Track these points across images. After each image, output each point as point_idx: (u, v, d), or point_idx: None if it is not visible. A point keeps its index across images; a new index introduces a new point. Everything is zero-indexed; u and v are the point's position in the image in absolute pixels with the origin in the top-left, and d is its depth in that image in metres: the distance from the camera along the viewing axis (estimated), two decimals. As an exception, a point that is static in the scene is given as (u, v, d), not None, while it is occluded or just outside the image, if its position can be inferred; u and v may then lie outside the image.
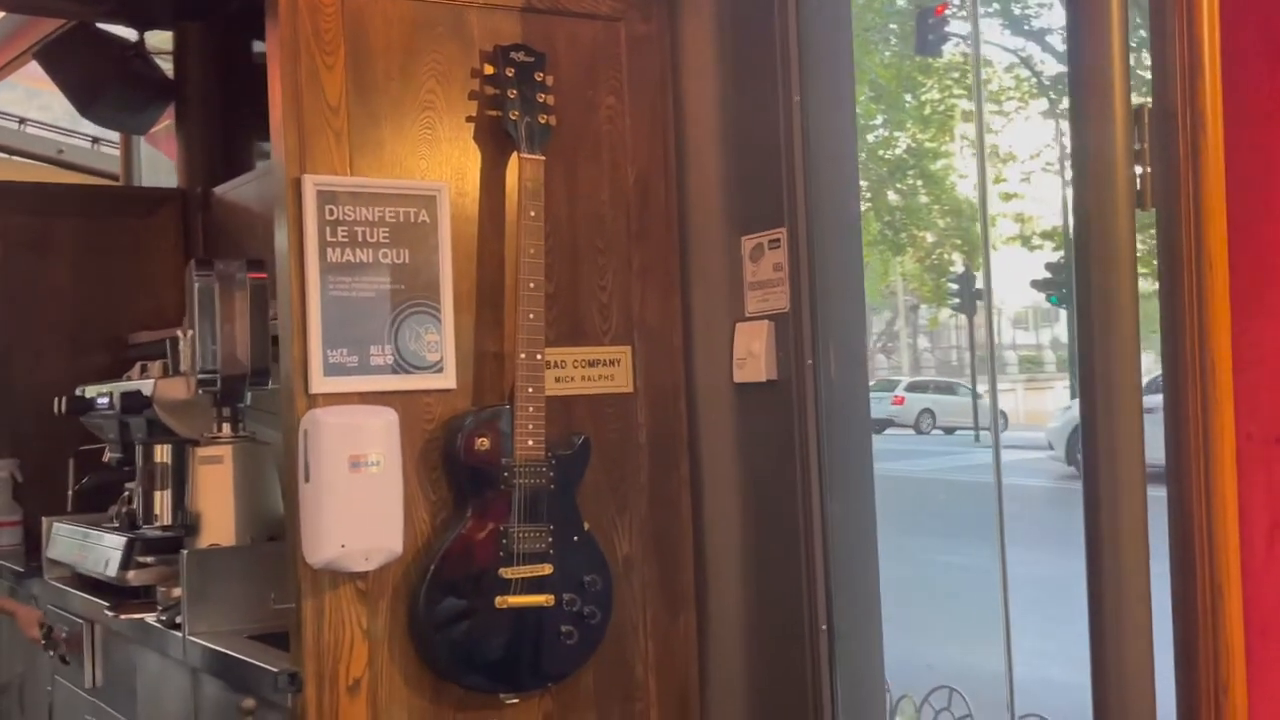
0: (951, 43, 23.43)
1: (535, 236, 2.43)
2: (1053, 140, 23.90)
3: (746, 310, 2.59)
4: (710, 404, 2.68)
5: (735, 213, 2.63)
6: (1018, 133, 26.50)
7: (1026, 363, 29.93)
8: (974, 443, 19.95)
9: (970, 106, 24.70)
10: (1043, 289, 22.75)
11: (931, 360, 29.49)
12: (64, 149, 7.45)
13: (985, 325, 12.38)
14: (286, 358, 2.33)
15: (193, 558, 2.80)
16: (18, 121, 7.77)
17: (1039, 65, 23.86)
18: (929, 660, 6.67)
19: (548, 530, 2.43)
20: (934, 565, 10.94)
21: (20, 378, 4.18)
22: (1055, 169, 24.00)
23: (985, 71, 24.15)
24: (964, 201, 25.80)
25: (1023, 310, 31.96)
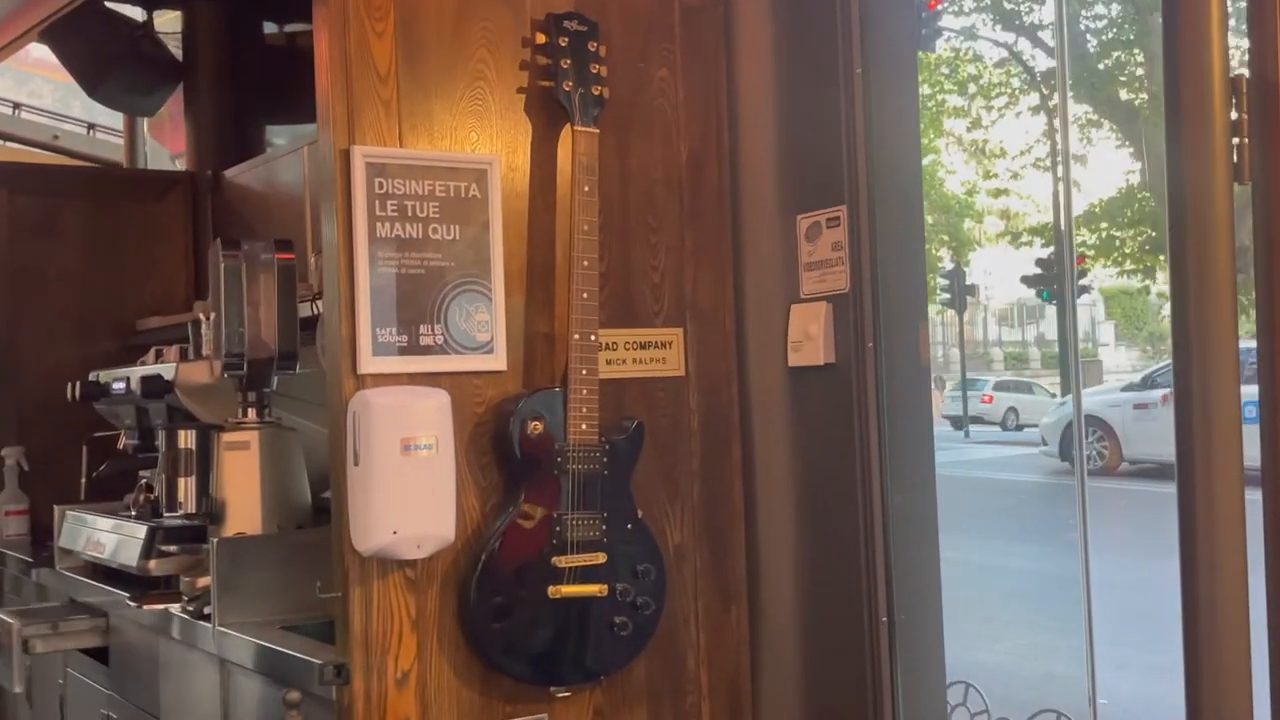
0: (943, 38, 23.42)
1: (589, 213, 2.34)
2: (1043, 136, 23.92)
3: (802, 291, 2.51)
4: (764, 389, 2.60)
5: (791, 191, 2.54)
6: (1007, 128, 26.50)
7: (1012, 359, 29.98)
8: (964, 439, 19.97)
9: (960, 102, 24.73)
10: (1033, 285, 22.76)
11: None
12: (59, 135, 7.36)
13: (1069, 321, 12.27)
14: (334, 337, 2.24)
15: (223, 546, 2.71)
16: (12, 107, 7.67)
17: (1030, 60, 23.87)
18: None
19: (601, 518, 2.34)
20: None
21: (27, 363, 4.10)
22: (1046, 165, 24.01)
23: (974, 67, 24.18)
24: (952, 198, 25.81)
25: (1007, 306, 32.02)
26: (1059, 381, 23.42)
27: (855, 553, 2.40)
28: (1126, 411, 14.10)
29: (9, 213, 4.22)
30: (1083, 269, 22.36)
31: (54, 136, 7.29)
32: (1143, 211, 21.10)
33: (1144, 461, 13.64)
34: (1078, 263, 21.52)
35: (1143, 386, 14.50)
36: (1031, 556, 10.14)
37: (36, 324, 4.11)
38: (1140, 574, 8.66)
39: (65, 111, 7.84)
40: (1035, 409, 20.86)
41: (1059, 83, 3.83)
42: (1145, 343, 27.37)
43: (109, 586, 3.21)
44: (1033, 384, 24.15)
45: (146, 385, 3.28)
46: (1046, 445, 16.53)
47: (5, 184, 4.24)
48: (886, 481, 2.38)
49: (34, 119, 7.76)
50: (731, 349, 2.62)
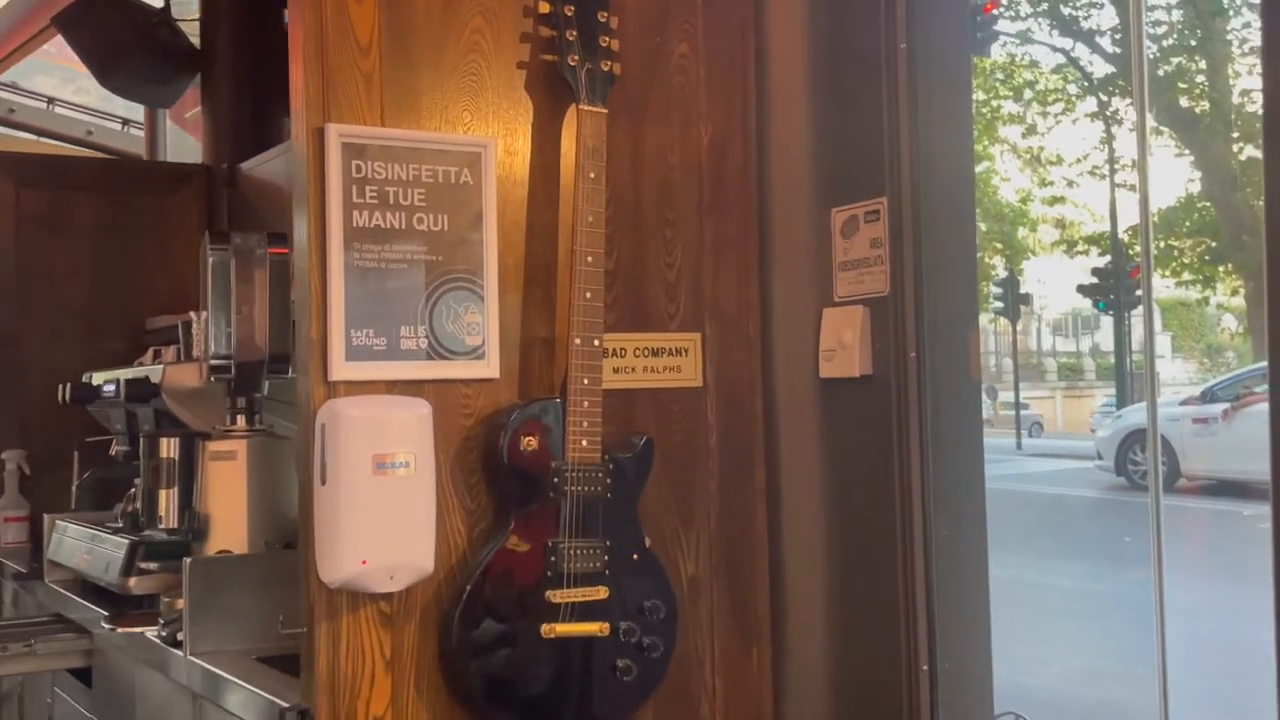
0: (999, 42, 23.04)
1: (595, 202, 2.08)
2: (1100, 143, 23.49)
3: (836, 294, 2.24)
4: (792, 402, 2.33)
5: (825, 181, 2.28)
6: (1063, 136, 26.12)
7: (1066, 370, 29.56)
8: (1016, 452, 19.63)
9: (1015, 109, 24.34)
10: (1089, 295, 22.35)
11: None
12: (93, 130, 7.24)
13: (1146, 331, 11.85)
14: (303, 339, 2.00)
15: (196, 566, 2.47)
16: (46, 101, 7.55)
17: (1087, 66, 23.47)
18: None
19: (603, 547, 2.08)
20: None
21: (31, 362, 3.95)
22: (1102, 173, 23.58)
23: (1030, 72, 23.80)
24: (1006, 206, 25.41)
25: (1061, 316, 31.58)
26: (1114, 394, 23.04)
27: (894, 591, 2.13)
28: (1185, 426, 13.78)
29: (15, 205, 4.09)
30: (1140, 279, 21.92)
31: (88, 132, 7.18)
32: (1202, 221, 20.66)
33: (1203, 478, 13.30)
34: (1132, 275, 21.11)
35: (1202, 400, 14.12)
36: (1085, 575, 9.84)
37: (42, 321, 3.98)
38: (1207, 597, 8.32)
39: (107, 109, 7.72)
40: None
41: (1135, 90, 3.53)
42: (1203, 355, 26.83)
43: (91, 604, 3.00)
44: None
45: (132, 389, 3.07)
46: (1101, 459, 16.26)
47: (11, 176, 4.10)
48: (930, 511, 2.11)
49: (68, 114, 7.65)
50: (756, 357, 2.36)
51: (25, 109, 7.13)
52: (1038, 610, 8.45)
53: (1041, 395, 27.09)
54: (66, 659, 3.10)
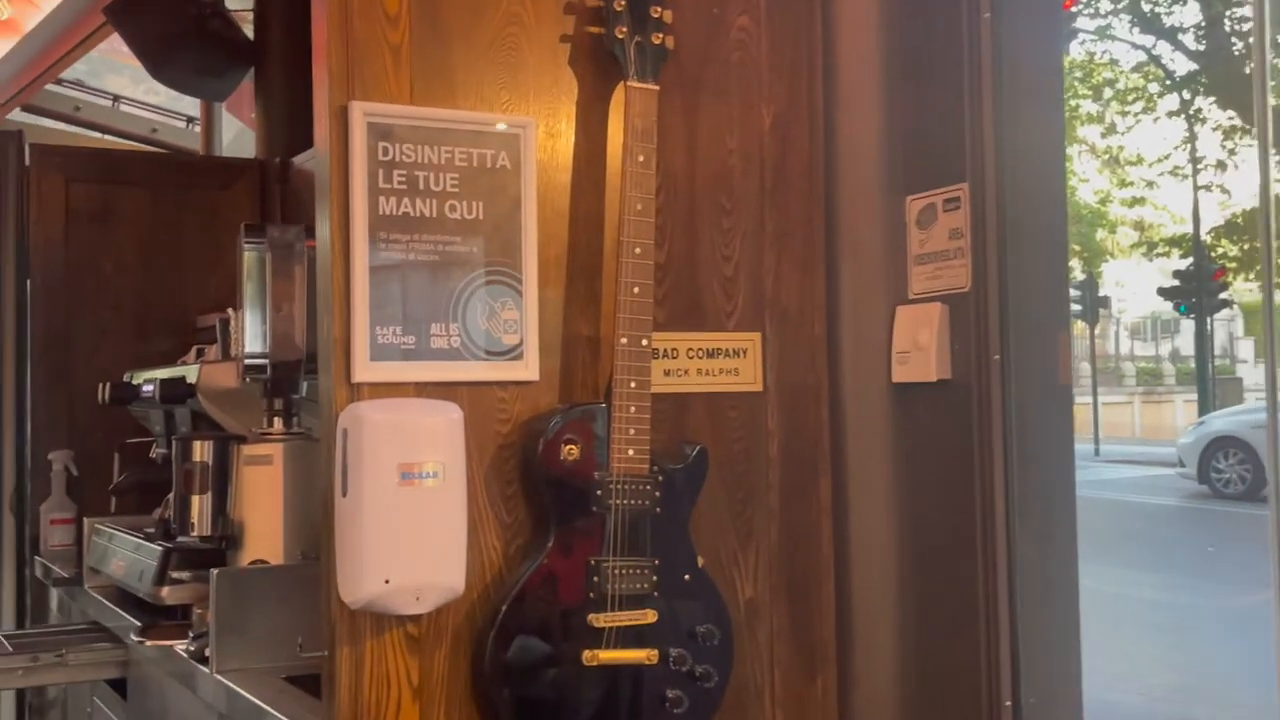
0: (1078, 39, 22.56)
1: (644, 188, 1.90)
2: (1181, 143, 22.96)
3: (911, 290, 2.04)
4: (861, 409, 2.14)
5: (899, 166, 2.08)
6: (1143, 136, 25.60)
7: (1145, 374, 28.99)
8: (1094, 458, 19.27)
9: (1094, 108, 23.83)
10: (1170, 298, 21.84)
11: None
12: (157, 128, 7.21)
13: (1266, 334, 11.50)
14: (324, 336, 1.84)
15: (224, 578, 2.33)
16: (111, 99, 7.53)
17: (1169, 64, 22.96)
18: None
19: (651, 566, 1.90)
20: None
21: (80, 362, 3.88)
22: (1184, 173, 23.04)
23: (1110, 70, 23.29)
24: (1084, 207, 24.90)
25: (1140, 320, 30.97)
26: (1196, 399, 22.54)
27: (974, 617, 1.93)
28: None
29: (65, 200, 4.01)
30: (1223, 282, 21.40)
31: (152, 130, 7.15)
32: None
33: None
34: (1215, 277, 20.59)
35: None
36: (1166, 586, 9.54)
37: (91, 319, 3.91)
38: (1304, 612, 7.98)
39: (174, 107, 7.70)
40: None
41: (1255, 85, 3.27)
42: (1294, 360, 26.13)
43: (127, 613, 2.88)
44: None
45: (167, 389, 2.93)
46: (1184, 467, 15.95)
47: (61, 170, 4.02)
48: (1014, 529, 1.90)
49: (133, 112, 7.63)
50: (821, 360, 2.17)
51: (91, 107, 7.09)
52: (1117, 622, 8.18)
53: (1119, 400, 26.56)
54: (100, 670, 2.99)
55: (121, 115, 7.31)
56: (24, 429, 4.05)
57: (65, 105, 6.89)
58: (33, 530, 3.85)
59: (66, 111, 6.86)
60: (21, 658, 2.91)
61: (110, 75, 8.76)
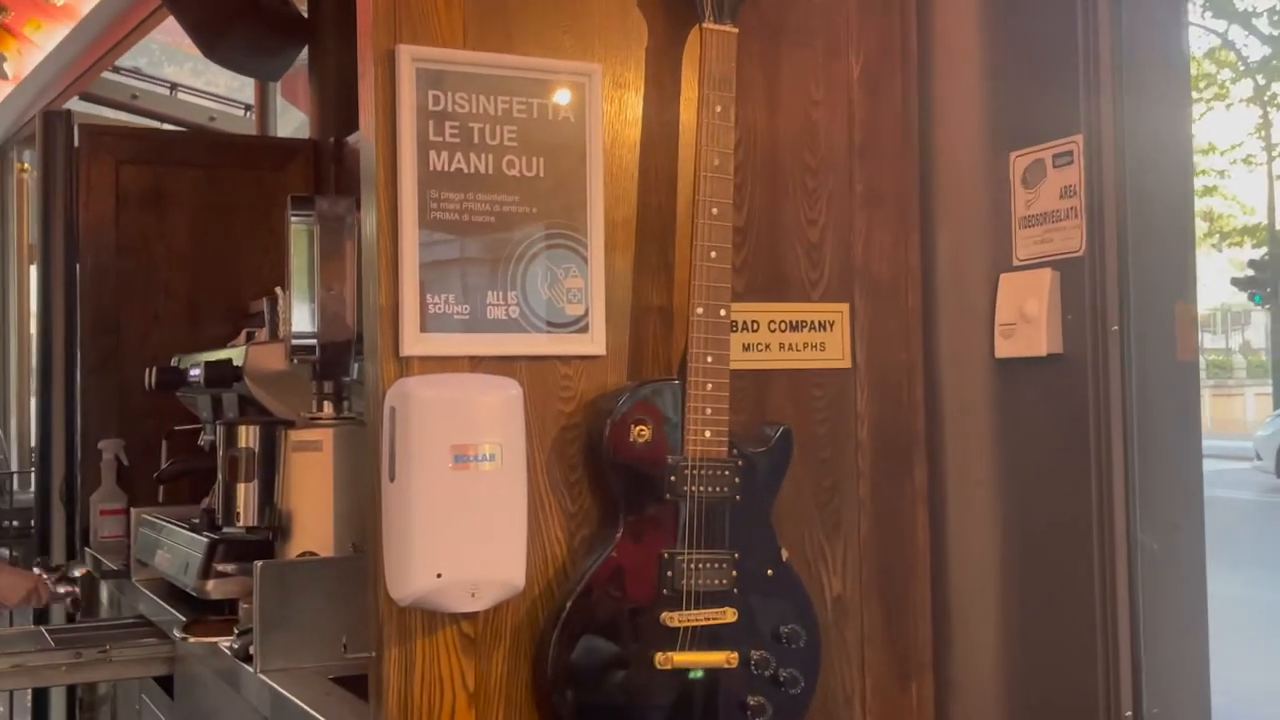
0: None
1: (722, 141, 1.71)
2: (1255, 131, 22.42)
3: (1016, 255, 1.85)
4: (961, 387, 1.95)
5: (1003, 118, 1.89)
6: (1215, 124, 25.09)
7: (1215, 367, 28.43)
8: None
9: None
10: (1244, 288, 21.33)
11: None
12: (215, 116, 7.14)
13: None
14: (370, 307, 1.67)
15: (269, 571, 2.18)
16: (169, 88, 7.47)
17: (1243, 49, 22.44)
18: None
19: (730, 560, 1.71)
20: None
21: (130, 348, 3.79)
22: (1258, 162, 22.48)
23: (1181, 56, 22.72)
24: (1153, 197, 24.34)
25: (1210, 312, 30.34)
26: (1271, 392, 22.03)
27: (1089, 617, 1.73)
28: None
29: (115, 183, 3.92)
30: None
31: (210, 118, 7.09)
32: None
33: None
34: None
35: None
36: (1245, 583, 9.26)
37: (142, 304, 3.83)
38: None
39: (233, 95, 7.65)
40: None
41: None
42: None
43: (172, 608, 2.75)
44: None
45: (212, 372, 2.79)
46: (1260, 460, 15.61)
47: (111, 151, 3.92)
48: (1135, 519, 1.71)
49: (191, 100, 7.58)
50: (917, 333, 1.98)
51: (148, 95, 7.03)
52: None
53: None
54: (146, 667, 2.86)
55: (179, 103, 7.25)
56: (74, 417, 3.96)
57: (123, 93, 6.82)
58: (83, 521, 3.76)
59: (124, 100, 6.79)
60: (64, 654, 2.79)
61: (171, 66, 8.71)
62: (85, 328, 3.84)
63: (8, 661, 2.74)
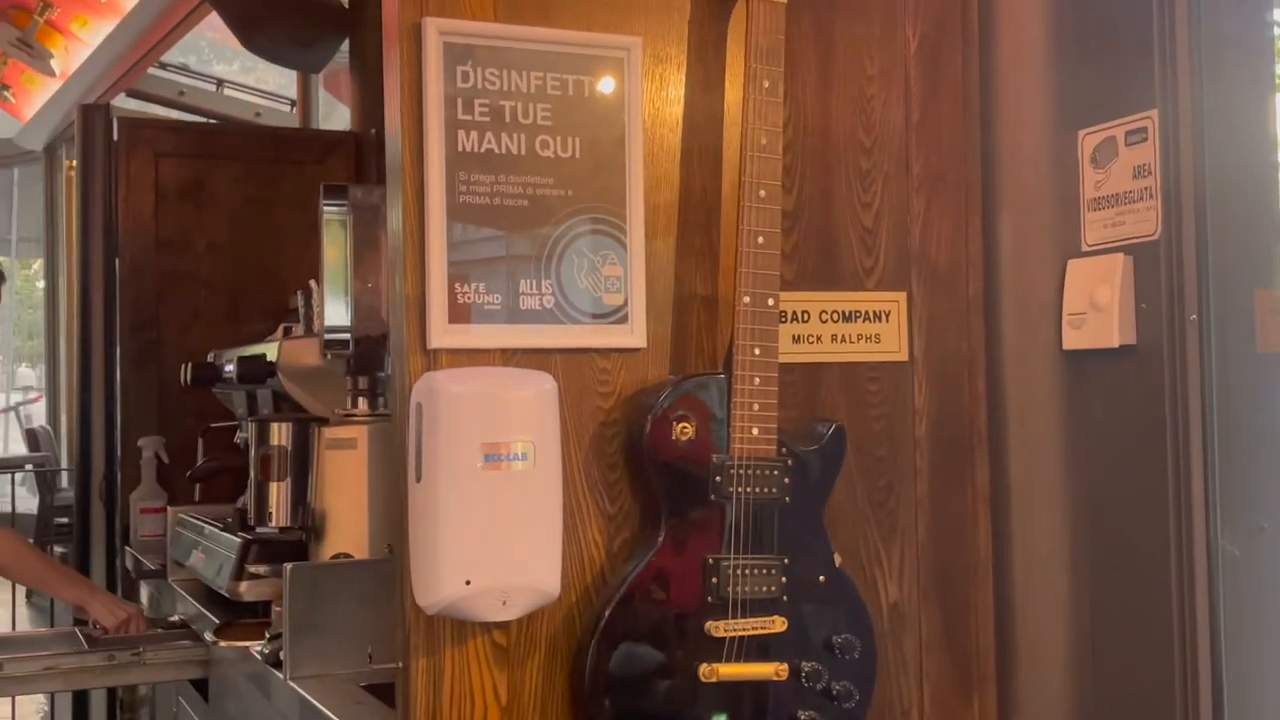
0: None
1: (770, 119, 1.61)
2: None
3: (1086, 240, 1.73)
4: (1025, 381, 1.84)
5: (1070, 93, 1.78)
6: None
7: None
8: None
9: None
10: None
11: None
12: (261, 112, 7.12)
13: None
14: (396, 296, 1.58)
15: (299, 574, 2.09)
16: (216, 84, 7.46)
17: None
18: None
19: (780, 565, 1.61)
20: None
21: (170, 343, 3.74)
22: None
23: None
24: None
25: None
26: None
27: (1165, 627, 1.61)
28: None
29: (154, 177, 3.87)
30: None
31: (256, 114, 7.08)
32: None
33: None
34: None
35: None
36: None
37: (182, 299, 3.80)
38: None
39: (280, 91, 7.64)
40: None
41: None
42: None
43: (206, 609, 2.68)
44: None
45: (245, 367, 2.71)
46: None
47: (150, 145, 3.88)
48: (1216, 523, 1.58)
49: (237, 96, 7.57)
50: (978, 324, 1.87)
51: (195, 91, 7.02)
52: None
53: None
54: (180, 670, 2.79)
55: (226, 99, 7.25)
56: (113, 414, 3.92)
57: (170, 90, 6.82)
58: (123, 520, 3.71)
59: (171, 96, 6.78)
60: (98, 656, 2.73)
61: (219, 65, 8.71)
62: (124, 323, 3.80)
63: (39, 664, 2.68)
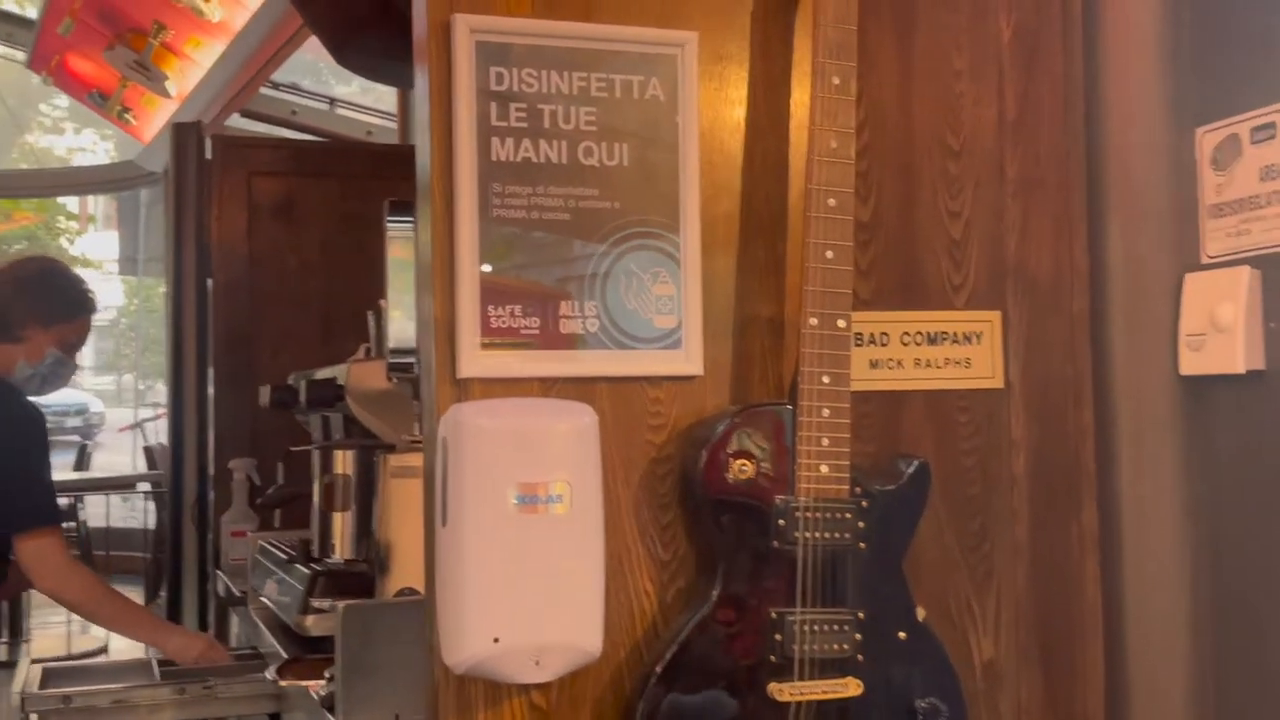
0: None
1: (840, 120, 1.43)
2: None
3: (1205, 252, 1.53)
4: (1138, 410, 1.63)
5: (1187, 87, 1.58)
6: None
7: None
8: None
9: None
10: None
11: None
12: (373, 130, 7.14)
13: None
14: (424, 319, 1.44)
15: (353, 613, 1.96)
16: (328, 103, 7.50)
17: None
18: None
19: (854, 620, 1.43)
20: None
21: (263, 363, 3.69)
22: None
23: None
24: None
25: None
26: None
27: (1302, 697, 1.39)
28: None
29: (247, 195, 3.82)
30: None
31: (367, 133, 7.09)
32: None
33: None
34: None
35: None
36: None
37: (274, 318, 3.78)
38: None
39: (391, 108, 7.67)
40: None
41: None
42: None
43: (278, 642, 2.57)
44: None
45: (313, 391, 2.60)
46: None
47: (243, 164, 3.84)
48: (1363, 578, 1.36)
49: (349, 114, 7.61)
50: (1084, 346, 1.66)
51: (307, 110, 7.05)
52: None
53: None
54: (253, 704, 2.68)
55: (338, 118, 7.28)
56: (206, 435, 3.88)
57: (282, 109, 6.85)
58: (215, 543, 3.65)
59: (284, 115, 6.82)
60: (168, 689, 2.64)
61: (340, 84, 8.78)
62: (217, 343, 3.77)
63: (108, 698, 2.60)
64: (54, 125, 16.57)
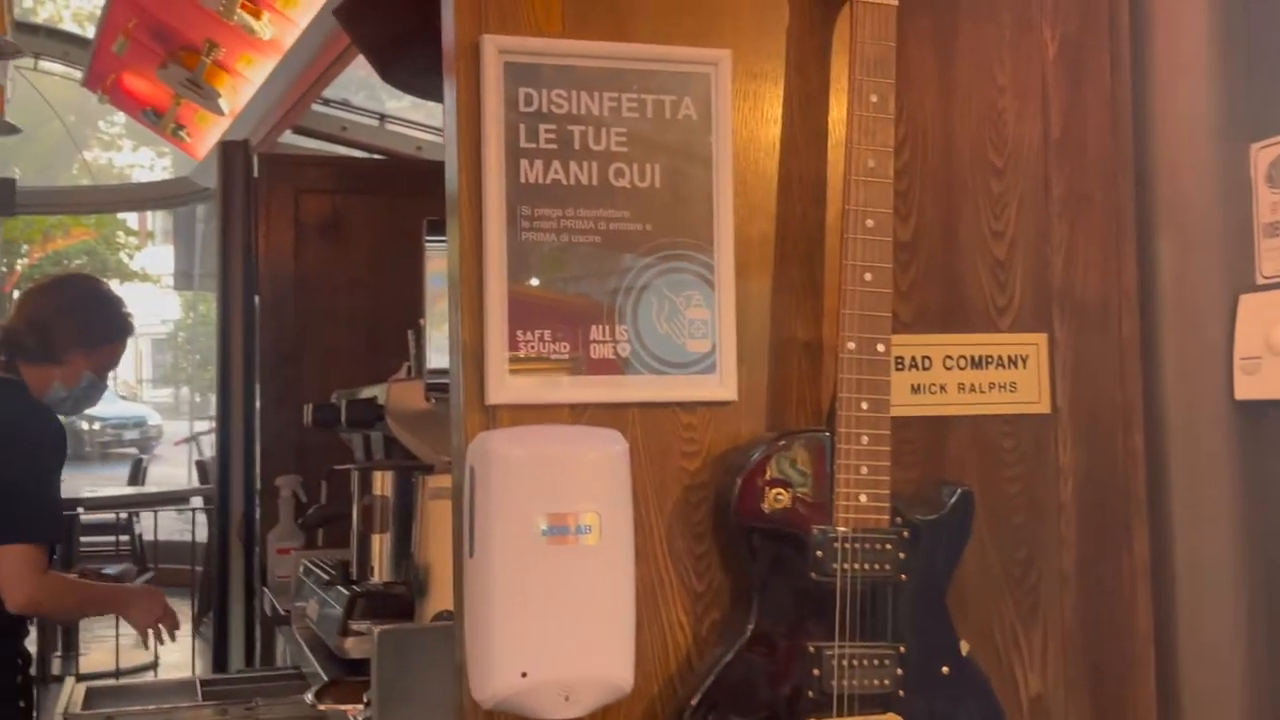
0: None
1: (879, 138, 1.40)
2: None
3: (1261, 272, 1.48)
4: (1191, 436, 1.58)
5: (1241, 99, 1.53)
6: None
7: None
8: None
9: None
10: None
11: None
12: (422, 146, 7.15)
13: None
14: (453, 344, 1.42)
15: (388, 638, 1.95)
16: (378, 119, 7.52)
17: None
18: None
19: (895, 654, 1.39)
20: None
21: (310, 380, 3.67)
22: None
23: None
24: None
25: None
26: None
27: (1364, 737, 1.33)
28: None
29: (294, 213, 3.82)
30: None
31: (417, 148, 7.12)
32: None
33: None
34: None
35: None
36: None
37: (321, 335, 3.78)
38: None
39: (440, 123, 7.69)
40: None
41: None
42: None
43: (319, 664, 2.55)
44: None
45: (353, 411, 2.60)
46: None
47: (290, 181, 3.84)
48: None
49: (399, 130, 7.64)
50: (1134, 370, 1.61)
51: (357, 126, 7.08)
52: None
53: None
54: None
55: (388, 134, 7.31)
56: (252, 451, 3.88)
57: (333, 126, 6.88)
58: (262, 559, 3.65)
59: (334, 132, 6.85)
60: (209, 709, 2.63)
61: (391, 101, 8.81)
62: (264, 360, 3.77)
63: (150, 719, 2.60)
64: (111, 141, 16.83)
